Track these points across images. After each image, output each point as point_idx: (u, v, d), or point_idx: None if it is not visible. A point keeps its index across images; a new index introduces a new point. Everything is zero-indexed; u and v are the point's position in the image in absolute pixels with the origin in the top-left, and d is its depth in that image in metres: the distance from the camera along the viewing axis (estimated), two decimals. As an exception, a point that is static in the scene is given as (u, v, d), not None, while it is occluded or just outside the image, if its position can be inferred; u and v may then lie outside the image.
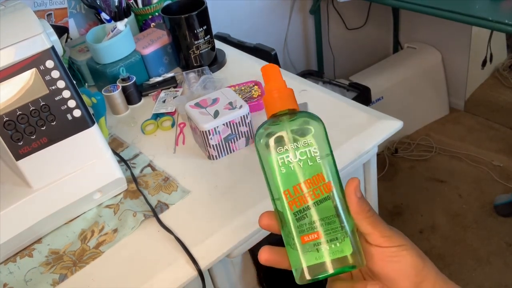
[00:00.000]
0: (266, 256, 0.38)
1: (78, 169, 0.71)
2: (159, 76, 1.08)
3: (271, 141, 0.37)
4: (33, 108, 0.64)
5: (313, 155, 0.37)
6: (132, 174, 0.81)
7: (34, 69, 0.63)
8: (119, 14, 1.12)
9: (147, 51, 1.05)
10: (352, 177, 0.37)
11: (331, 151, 0.38)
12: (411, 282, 0.36)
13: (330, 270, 0.36)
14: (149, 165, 0.83)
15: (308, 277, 0.36)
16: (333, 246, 0.36)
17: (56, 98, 0.66)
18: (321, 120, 0.38)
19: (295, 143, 0.37)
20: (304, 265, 0.36)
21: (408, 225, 1.70)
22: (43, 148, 0.67)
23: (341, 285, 0.38)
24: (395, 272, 0.36)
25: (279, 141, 0.37)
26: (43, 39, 0.63)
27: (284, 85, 0.40)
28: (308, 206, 0.36)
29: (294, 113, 0.39)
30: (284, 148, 0.37)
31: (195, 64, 1.06)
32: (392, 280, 0.37)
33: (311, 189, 0.36)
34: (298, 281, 0.37)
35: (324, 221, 0.36)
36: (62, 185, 0.70)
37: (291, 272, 0.38)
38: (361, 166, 0.88)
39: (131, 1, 1.16)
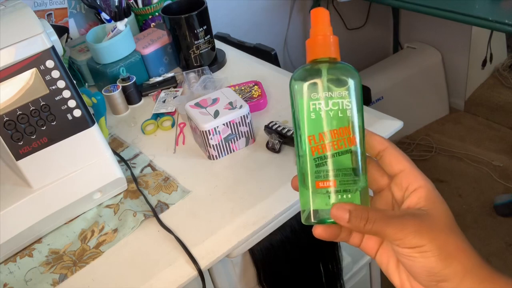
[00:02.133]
0: (320, 231, 0.39)
1: (78, 169, 0.71)
2: (159, 76, 1.08)
3: (306, 86, 0.37)
4: (33, 108, 0.64)
5: (344, 107, 0.37)
6: (132, 174, 0.81)
7: (34, 69, 0.63)
8: (119, 14, 1.12)
9: (147, 51, 1.05)
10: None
11: (362, 108, 0.38)
12: (425, 280, 0.35)
13: None
14: (149, 165, 0.84)
15: (313, 219, 0.37)
16: (344, 196, 0.37)
17: (56, 98, 0.66)
18: (359, 75, 0.38)
19: (329, 92, 0.37)
20: (312, 208, 0.37)
21: (408, 225, 1.70)
22: (43, 148, 0.67)
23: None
24: (409, 268, 0.36)
25: (314, 87, 0.37)
26: (43, 39, 0.63)
27: (330, 32, 0.39)
28: (329, 154, 0.37)
29: (334, 62, 0.39)
30: (318, 95, 0.37)
31: (195, 64, 1.06)
32: (410, 273, 0.36)
33: (335, 140, 0.37)
34: (303, 221, 0.38)
35: (341, 171, 0.37)
36: (62, 185, 0.70)
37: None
38: (361, 166, 0.88)
39: (131, 1, 1.16)
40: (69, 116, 0.67)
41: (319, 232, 0.38)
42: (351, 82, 0.37)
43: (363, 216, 0.35)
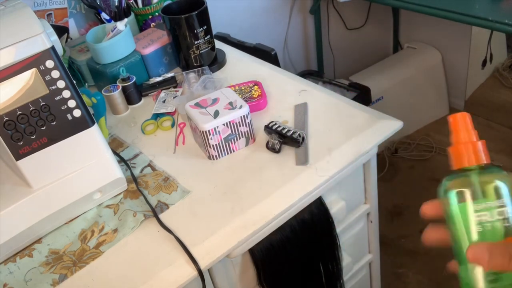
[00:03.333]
0: (433, 234, 0.36)
1: (78, 169, 0.71)
2: (159, 76, 1.08)
3: (468, 197, 0.35)
4: (33, 108, 0.64)
5: (510, 216, 0.35)
6: (132, 174, 0.81)
7: (34, 69, 0.63)
8: (119, 14, 1.12)
9: (147, 51, 1.05)
10: None
11: None
12: None
13: None
14: (149, 165, 0.83)
15: None
16: None
17: (56, 98, 0.66)
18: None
19: (493, 201, 0.35)
20: None
21: (408, 225, 1.70)
22: (43, 148, 0.67)
23: None
24: None
25: (476, 198, 0.35)
26: (43, 39, 0.63)
27: (477, 136, 0.38)
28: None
29: (485, 167, 0.36)
30: (481, 206, 0.35)
31: (195, 64, 1.06)
32: None
33: None
34: None
35: None
36: (62, 185, 0.70)
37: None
38: (361, 166, 0.88)
39: (131, 1, 1.16)
40: (69, 116, 0.67)
41: None
42: (508, 186, 0.35)
43: (505, 251, 0.33)
